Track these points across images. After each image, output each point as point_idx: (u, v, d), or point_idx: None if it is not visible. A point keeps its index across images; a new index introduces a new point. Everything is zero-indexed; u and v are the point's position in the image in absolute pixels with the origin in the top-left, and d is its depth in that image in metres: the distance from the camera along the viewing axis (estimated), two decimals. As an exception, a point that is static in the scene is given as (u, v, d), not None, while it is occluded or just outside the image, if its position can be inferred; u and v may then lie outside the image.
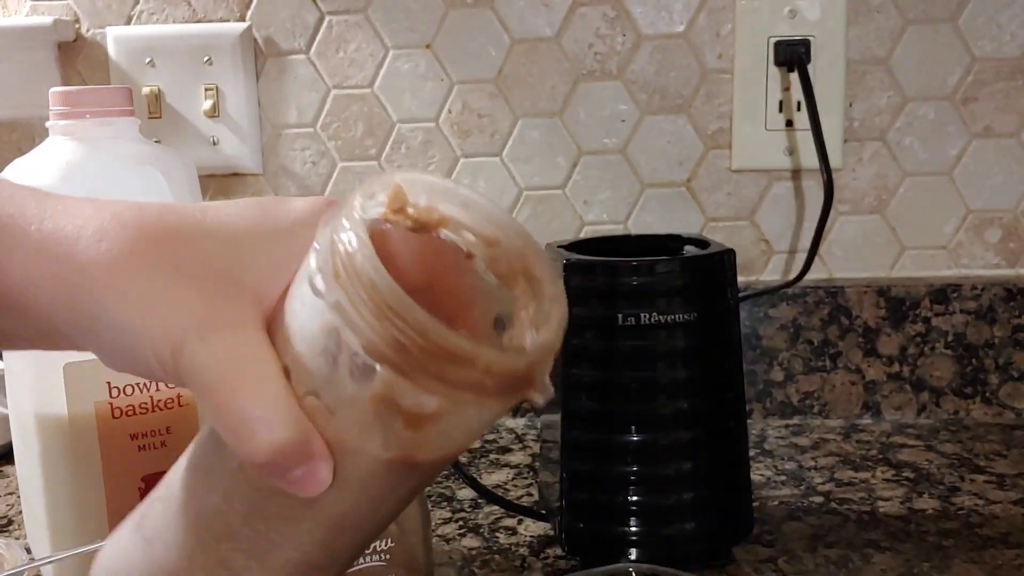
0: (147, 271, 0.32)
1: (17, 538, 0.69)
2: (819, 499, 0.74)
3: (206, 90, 0.95)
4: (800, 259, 0.94)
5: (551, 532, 0.69)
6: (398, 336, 0.29)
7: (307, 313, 0.32)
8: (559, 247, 0.69)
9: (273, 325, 0.33)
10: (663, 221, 0.96)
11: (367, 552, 0.53)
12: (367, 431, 0.31)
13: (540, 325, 0.33)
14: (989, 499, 0.73)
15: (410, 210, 0.33)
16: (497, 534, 0.69)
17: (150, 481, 0.59)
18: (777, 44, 0.92)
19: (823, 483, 0.77)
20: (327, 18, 0.95)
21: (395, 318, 0.29)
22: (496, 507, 0.73)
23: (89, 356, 0.57)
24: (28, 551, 0.65)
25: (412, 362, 0.29)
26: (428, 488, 0.78)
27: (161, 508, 0.37)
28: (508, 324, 0.34)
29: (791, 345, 0.92)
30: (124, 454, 0.59)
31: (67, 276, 0.32)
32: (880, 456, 0.83)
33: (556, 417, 0.65)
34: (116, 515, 0.58)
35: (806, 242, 0.93)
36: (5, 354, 0.59)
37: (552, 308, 0.33)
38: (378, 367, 0.30)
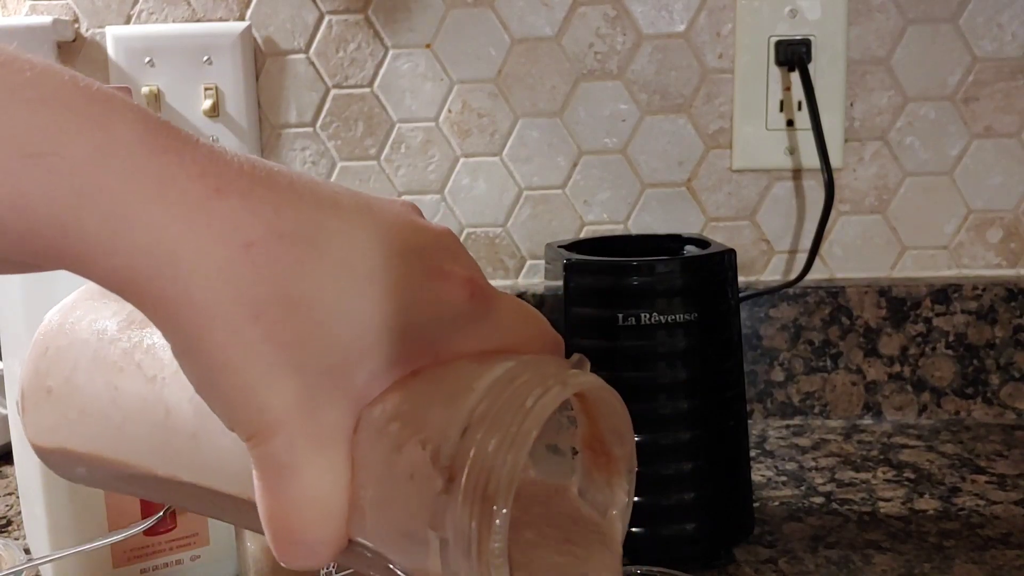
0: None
1: (16, 539, 0.69)
2: (820, 499, 0.74)
3: (206, 90, 0.94)
4: (801, 259, 0.94)
5: (551, 532, 0.68)
6: None
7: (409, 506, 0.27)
8: (559, 247, 0.69)
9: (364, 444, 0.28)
10: (663, 221, 0.96)
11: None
12: None
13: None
14: (990, 500, 0.73)
15: None
16: (497, 534, 0.69)
17: (149, 481, 0.59)
18: (778, 44, 0.92)
19: (824, 483, 0.77)
20: (327, 18, 0.95)
21: None
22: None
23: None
24: (27, 551, 0.65)
25: None
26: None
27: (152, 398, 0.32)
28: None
29: (792, 345, 0.92)
30: (123, 454, 0.59)
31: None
32: (881, 456, 0.83)
33: (556, 417, 0.65)
34: (115, 515, 0.58)
35: (807, 242, 0.93)
36: (5, 354, 0.59)
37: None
38: None
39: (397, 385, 0.28)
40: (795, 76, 0.91)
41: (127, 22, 0.96)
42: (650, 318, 0.62)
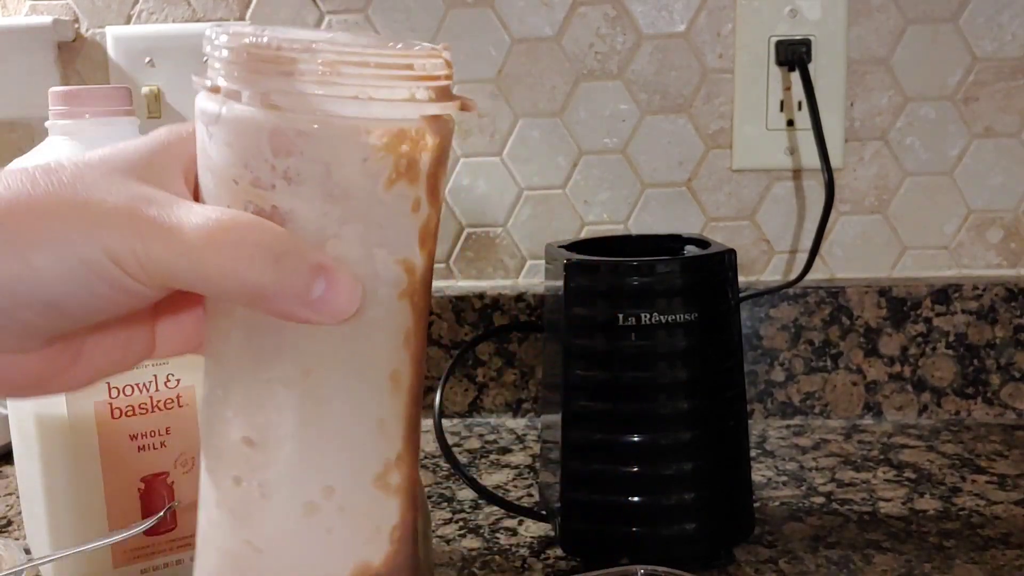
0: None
1: (17, 539, 0.69)
2: (820, 499, 0.74)
3: (206, 90, 0.94)
4: (801, 259, 0.94)
5: (551, 533, 0.69)
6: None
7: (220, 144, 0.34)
8: (559, 247, 0.69)
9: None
10: (664, 221, 0.96)
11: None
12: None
13: None
14: (990, 499, 0.73)
15: None
16: (497, 535, 0.69)
17: (149, 481, 0.60)
18: (778, 44, 0.92)
19: (824, 483, 0.77)
20: (327, 17, 0.95)
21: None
22: (496, 508, 0.73)
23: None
24: (27, 551, 0.65)
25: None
26: (428, 489, 0.78)
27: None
28: None
29: (792, 345, 0.92)
30: (124, 454, 0.59)
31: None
32: (881, 456, 0.83)
33: (556, 417, 0.65)
34: (116, 515, 0.58)
35: (807, 242, 0.93)
36: None
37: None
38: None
39: None
40: (795, 76, 0.91)
41: (127, 22, 0.96)
42: (650, 318, 0.62)
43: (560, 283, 0.65)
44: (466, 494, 0.76)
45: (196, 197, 0.35)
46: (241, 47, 0.33)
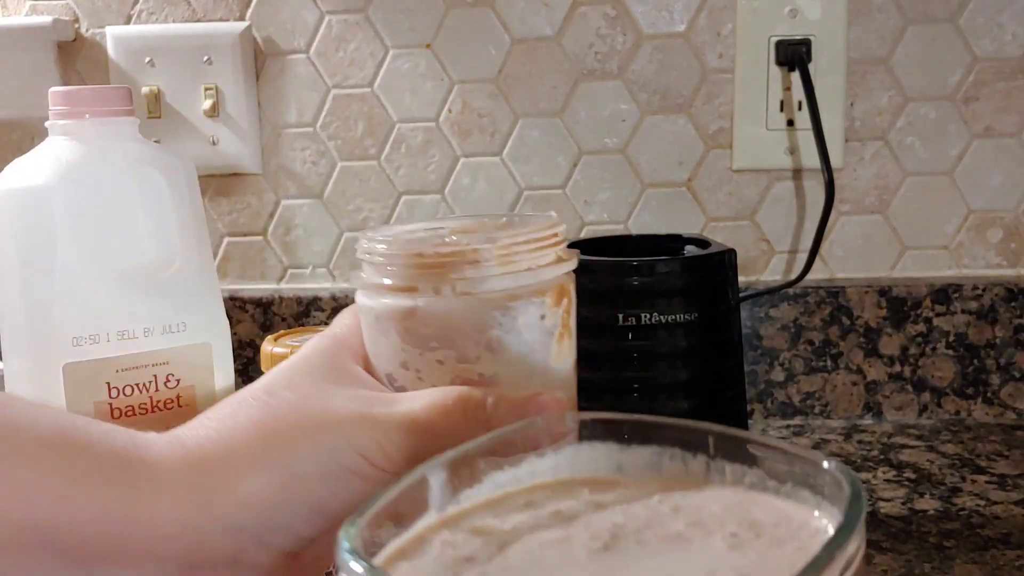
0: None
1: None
2: (820, 500, 0.74)
3: (206, 90, 0.94)
4: (801, 259, 0.94)
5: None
6: None
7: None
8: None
9: None
10: (664, 221, 0.96)
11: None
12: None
13: None
14: (990, 500, 0.73)
15: None
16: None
17: (149, 482, 0.59)
18: (778, 44, 0.92)
19: (824, 483, 0.77)
20: (327, 18, 0.95)
21: None
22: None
23: (88, 356, 0.57)
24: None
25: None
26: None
27: None
28: None
29: (792, 345, 0.92)
30: (123, 454, 0.59)
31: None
32: (881, 456, 0.83)
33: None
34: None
35: (807, 242, 0.93)
36: (4, 354, 0.59)
37: None
38: None
39: None
40: (795, 76, 0.91)
41: (127, 22, 0.96)
42: (650, 318, 0.62)
43: (560, 283, 0.65)
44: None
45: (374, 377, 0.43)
46: (420, 251, 0.41)
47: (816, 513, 0.34)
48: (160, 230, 0.60)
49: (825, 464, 0.34)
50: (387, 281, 0.41)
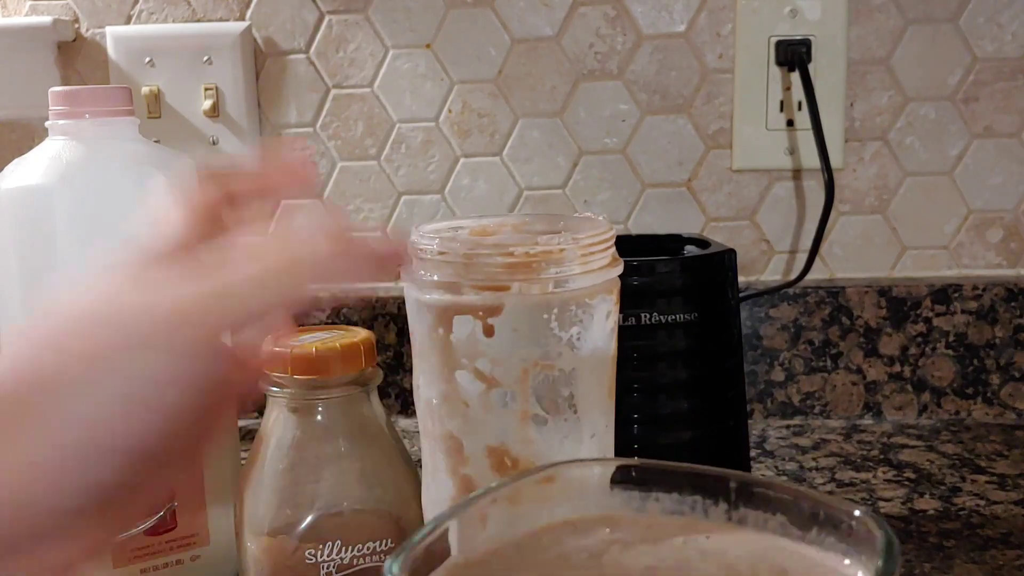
0: None
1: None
2: (820, 500, 0.74)
3: (206, 90, 0.94)
4: (801, 259, 0.94)
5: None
6: None
7: None
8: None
9: None
10: (663, 221, 0.96)
11: (367, 553, 0.53)
12: None
13: None
14: (990, 499, 0.73)
15: None
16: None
17: (150, 482, 0.59)
18: (778, 44, 0.92)
19: (824, 483, 0.77)
20: (327, 18, 0.95)
21: None
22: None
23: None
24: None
25: None
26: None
27: None
28: None
29: (792, 345, 0.92)
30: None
31: None
32: (881, 456, 0.83)
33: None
34: (115, 516, 0.58)
35: (807, 242, 0.93)
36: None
37: None
38: None
39: None
40: (795, 76, 0.91)
41: (127, 22, 0.96)
42: (650, 318, 0.62)
43: (560, 283, 0.65)
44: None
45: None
46: (511, 250, 0.43)
47: (846, 561, 0.33)
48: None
49: (857, 512, 0.33)
50: (473, 279, 0.43)
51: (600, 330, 0.44)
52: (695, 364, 0.63)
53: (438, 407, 0.45)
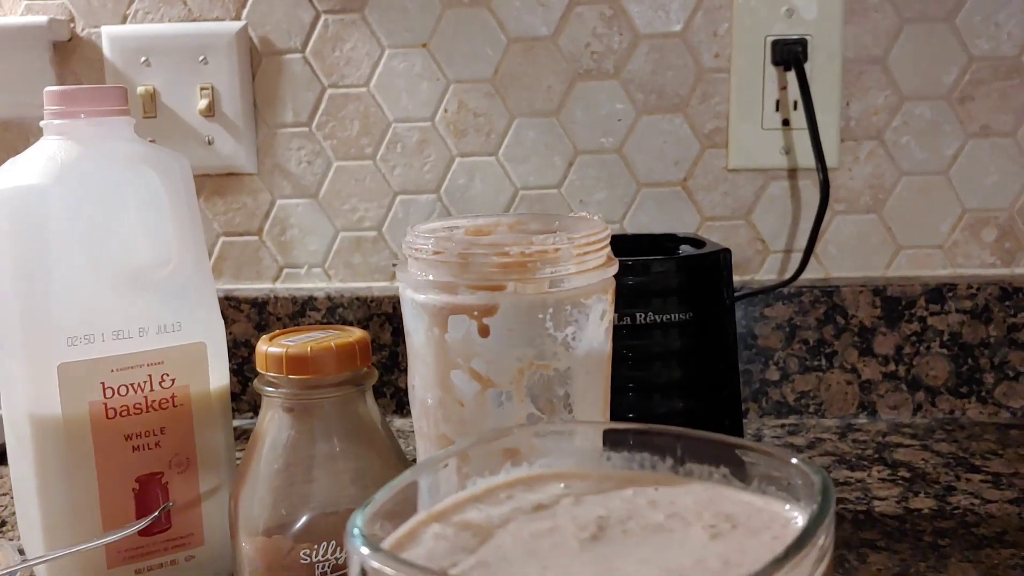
0: None
1: (11, 539, 0.69)
2: (815, 499, 0.74)
3: (202, 89, 0.94)
4: (796, 258, 0.94)
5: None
6: None
7: None
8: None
9: None
10: (659, 221, 0.96)
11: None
12: None
13: None
14: (985, 498, 0.73)
15: None
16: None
17: (144, 482, 0.59)
18: (774, 43, 0.92)
19: (819, 483, 0.77)
20: (323, 17, 0.95)
21: None
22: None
23: (83, 356, 0.57)
24: (21, 552, 0.65)
25: None
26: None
27: None
28: None
29: (787, 344, 0.92)
30: (118, 454, 0.59)
31: None
32: (876, 455, 0.83)
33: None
34: (110, 515, 0.58)
35: (802, 241, 0.93)
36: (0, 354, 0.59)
37: None
38: None
39: None
40: (791, 75, 0.92)
41: (123, 22, 0.96)
42: (645, 317, 0.62)
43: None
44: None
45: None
46: (506, 249, 0.42)
47: (786, 506, 0.36)
48: (155, 230, 0.60)
49: (793, 460, 0.36)
50: (467, 278, 0.43)
51: (595, 330, 0.44)
52: (690, 364, 0.64)
53: (434, 408, 0.45)
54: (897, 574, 0.62)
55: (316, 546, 0.52)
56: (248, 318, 0.96)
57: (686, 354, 0.63)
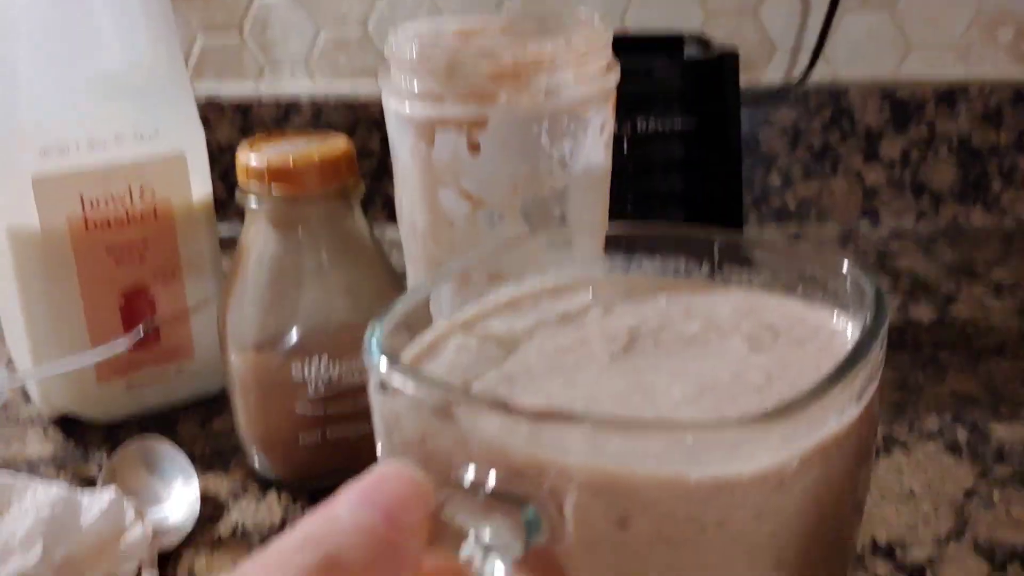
0: None
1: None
2: (814, 308, 0.73)
3: None
4: (804, 58, 0.90)
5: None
6: None
7: None
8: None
9: None
10: (662, 17, 0.91)
11: (356, 369, 0.52)
12: None
13: None
14: (986, 308, 0.72)
15: None
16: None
17: (129, 296, 0.58)
18: None
19: (818, 292, 0.76)
20: None
21: None
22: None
23: (58, 167, 0.55)
24: (10, 368, 0.64)
25: None
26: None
27: None
28: None
29: (791, 150, 0.89)
30: (101, 269, 0.57)
31: None
32: (877, 264, 0.81)
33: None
34: (97, 331, 0.57)
35: (811, 40, 0.89)
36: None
37: None
38: None
39: None
40: None
41: None
42: (647, 126, 0.60)
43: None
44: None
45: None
46: (498, 57, 0.39)
47: (834, 316, 0.33)
48: (127, 31, 0.56)
49: (844, 266, 0.33)
50: (455, 87, 0.39)
51: (594, 144, 0.41)
52: (692, 173, 0.61)
53: (422, 230, 0.43)
54: (895, 386, 0.61)
55: (308, 361, 0.51)
56: (232, 122, 0.93)
57: (688, 163, 0.60)
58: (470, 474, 0.26)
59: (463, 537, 0.24)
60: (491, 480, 0.26)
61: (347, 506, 0.23)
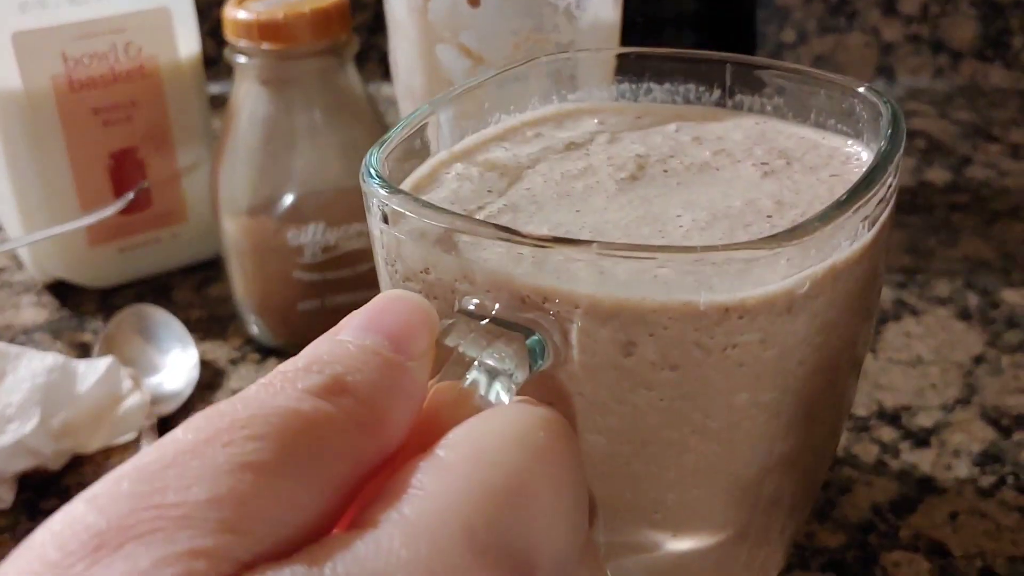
0: None
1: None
2: (825, 170, 0.71)
3: None
4: (821, -94, 0.85)
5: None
6: None
7: None
8: None
9: None
10: None
11: (353, 235, 0.50)
12: None
13: None
14: (1002, 170, 0.70)
15: None
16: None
17: (118, 158, 0.56)
18: None
19: (830, 153, 0.74)
20: None
21: None
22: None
23: (39, 22, 0.52)
24: (1, 229, 0.63)
25: None
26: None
27: None
28: None
29: (805, 3, 0.86)
30: (88, 130, 0.55)
31: None
32: (891, 124, 0.79)
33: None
34: (86, 195, 0.56)
35: None
36: None
37: None
38: None
39: None
40: None
41: None
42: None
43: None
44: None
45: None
46: None
47: (848, 142, 0.33)
48: None
49: (860, 88, 0.32)
50: None
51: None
52: (703, 27, 0.58)
53: (419, 89, 0.41)
54: (907, 248, 0.60)
55: (304, 226, 0.50)
56: (224, -24, 0.89)
57: (699, 17, 0.57)
58: (474, 303, 0.26)
59: (467, 365, 0.24)
60: (496, 309, 0.26)
61: (352, 332, 0.23)
